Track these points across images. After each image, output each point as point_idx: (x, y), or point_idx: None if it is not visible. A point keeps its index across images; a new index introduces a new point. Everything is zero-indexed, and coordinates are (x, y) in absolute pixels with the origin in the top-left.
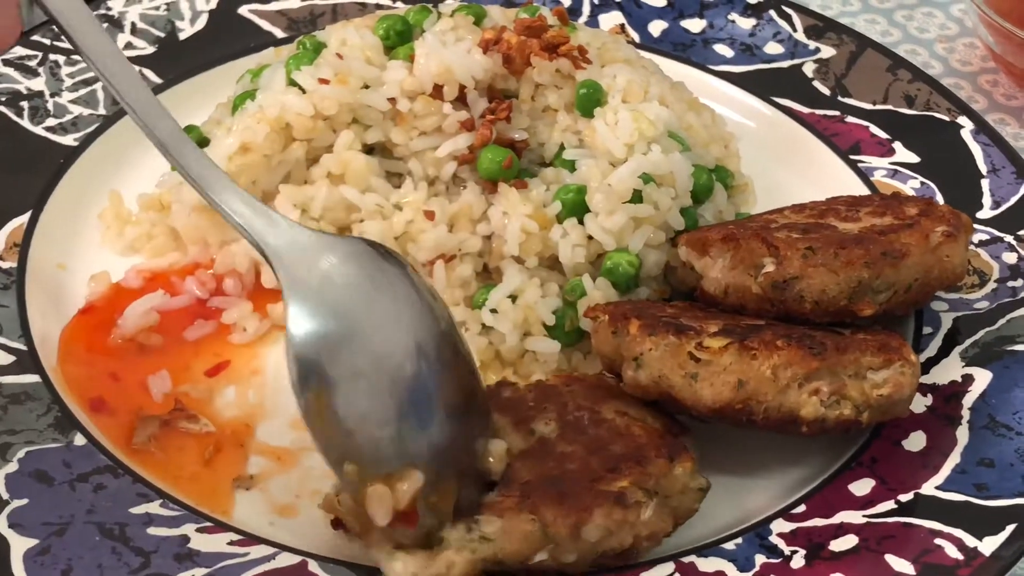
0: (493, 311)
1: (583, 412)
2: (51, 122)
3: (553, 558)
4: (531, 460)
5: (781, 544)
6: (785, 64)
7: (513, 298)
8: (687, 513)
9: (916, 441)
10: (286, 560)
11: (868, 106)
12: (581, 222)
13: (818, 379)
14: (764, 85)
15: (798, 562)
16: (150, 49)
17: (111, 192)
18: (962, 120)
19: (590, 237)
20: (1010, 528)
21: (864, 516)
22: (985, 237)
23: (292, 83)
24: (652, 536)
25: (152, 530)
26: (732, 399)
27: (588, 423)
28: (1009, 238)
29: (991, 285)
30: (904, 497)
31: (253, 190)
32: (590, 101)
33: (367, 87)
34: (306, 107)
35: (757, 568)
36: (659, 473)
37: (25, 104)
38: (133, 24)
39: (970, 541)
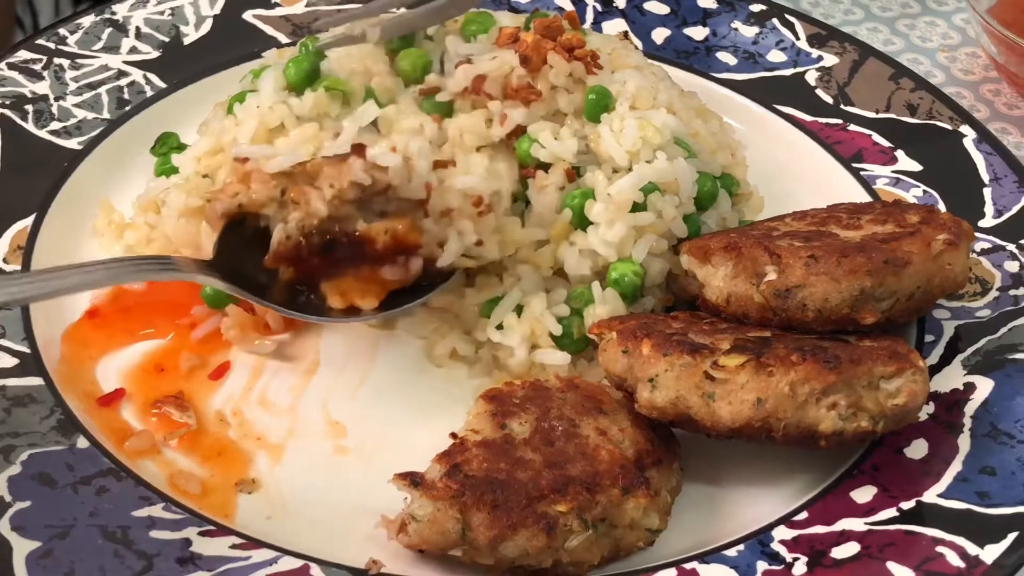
0: (499, 327)
1: (562, 422)
2: (55, 125)
3: (469, 557)
4: (489, 453)
5: (783, 551)
6: (788, 72)
7: (519, 311)
8: (630, 549)
9: (918, 449)
10: (288, 564)
11: (871, 114)
12: (585, 230)
13: (835, 393)
14: (767, 93)
15: (800, 569)
16: (154, 54)
17: (102, 201)
18: (964, 129)
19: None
20: (1012, 536)
21: (866, 523)
22: (987, 246)
23: (287, 87)
24: (576, 564)
25: (154, 533)
26: (751, 417)
27: (560, 435)
28: (1011, 247)
29: (993, 293)
30: (906, 505)
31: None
32: (598, 107)
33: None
34: (288, 116)
35: (759, 575)
36: (608, 503)
37: (29, 107)
38: (138, 28)
39: (972, 549)
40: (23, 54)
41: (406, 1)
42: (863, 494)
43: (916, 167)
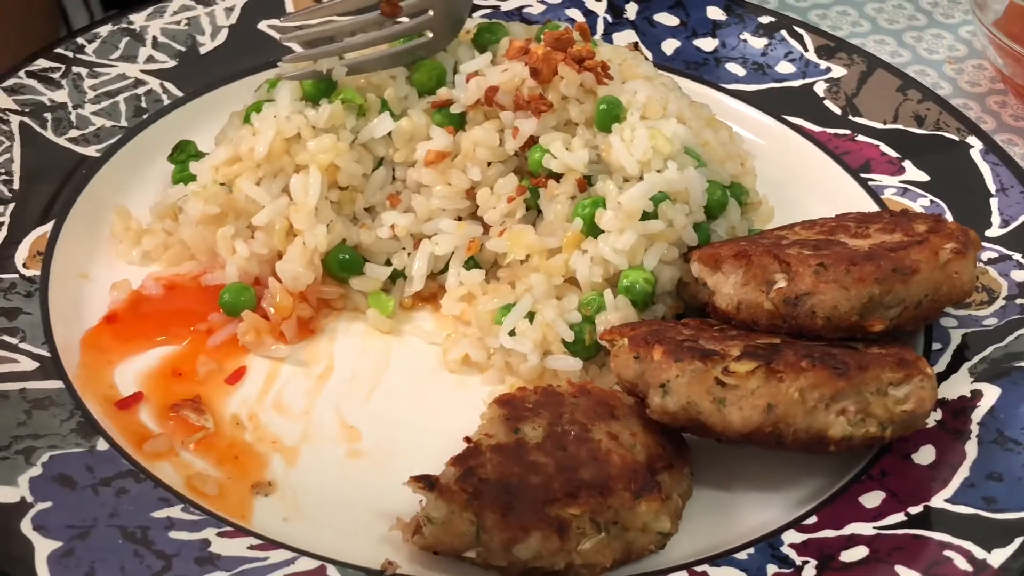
0: (511, 333)
1: (574, 427)
2: (74, 133)
3: (483, 559)
4: (502, 457)
5: (792, 555)
6: (796, 83)
7: (531, 317)
8: (641, 551)
9: (925, 455)
10: (305, 564)
11: (878, 125)
12: (596, 238)
13: (844, 399)
14: (776, 104)
15: (809, 572)
16: (171, 63)
17: (117, 208)
18: (971, 140)
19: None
20: (1018, 541)
21: (874, 528)
22: (994, 255)
23: (303, 98)
24: (588, 566)
25: (173, 534)
26: (762, 423)
27: (573, 439)
28: (1018, 256)
29: (1000, 302)
30: (914, 509)
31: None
32: (609, 117)
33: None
34: (305, 127)
35: None
36: (620, 506)
37: (48, 115)
38: (154, 38)
39: (979, 553)
40: (42, 62)
41: (376, 37)
42: (872, 499)
43: (924, 177)
